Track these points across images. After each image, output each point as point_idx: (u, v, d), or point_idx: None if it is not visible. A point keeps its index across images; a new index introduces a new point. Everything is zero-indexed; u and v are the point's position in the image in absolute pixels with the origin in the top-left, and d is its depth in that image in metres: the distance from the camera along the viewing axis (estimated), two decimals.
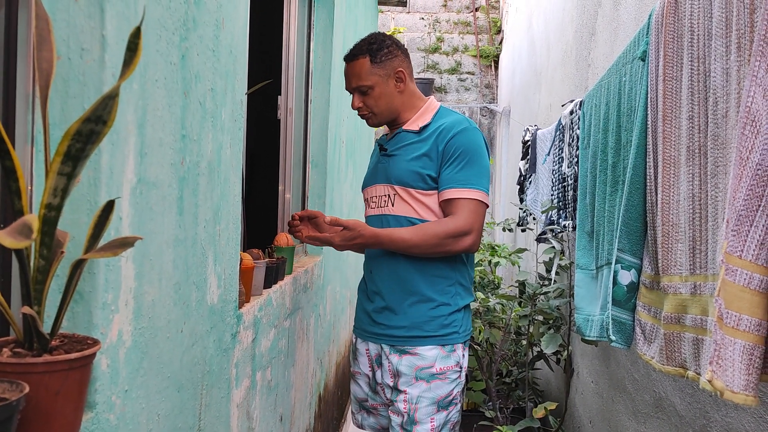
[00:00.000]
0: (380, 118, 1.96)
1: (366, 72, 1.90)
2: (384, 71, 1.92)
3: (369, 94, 1.92)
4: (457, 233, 1.81)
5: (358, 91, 1.93)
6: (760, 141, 0.95)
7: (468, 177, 1.83)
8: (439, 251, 1.83)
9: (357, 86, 1.93)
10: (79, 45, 0.83)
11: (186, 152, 1.13)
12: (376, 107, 1.93)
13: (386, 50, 1.92)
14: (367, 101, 1.93)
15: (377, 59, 1.90)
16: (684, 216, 1.36)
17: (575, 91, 3.46)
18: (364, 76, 1.91)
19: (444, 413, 1.88)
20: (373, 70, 1.90)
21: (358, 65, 1.91)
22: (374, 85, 1.91)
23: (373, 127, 2.02)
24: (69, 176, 0.72)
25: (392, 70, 1.93)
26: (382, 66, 1.91)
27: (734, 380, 0.98)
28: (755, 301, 0.97)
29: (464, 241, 1.83)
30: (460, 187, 1.83)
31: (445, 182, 1.85)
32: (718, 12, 1.20)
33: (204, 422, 1.28)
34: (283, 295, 1.97)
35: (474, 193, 1.83)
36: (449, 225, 1.82)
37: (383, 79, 1.92)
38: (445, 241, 1.81)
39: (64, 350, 0.74)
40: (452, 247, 1.83)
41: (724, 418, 1.63)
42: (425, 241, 1.82)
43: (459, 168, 1.84)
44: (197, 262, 1.21)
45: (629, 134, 1.73)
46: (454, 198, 1.83)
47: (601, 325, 1.89)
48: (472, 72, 8.68)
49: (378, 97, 1.92)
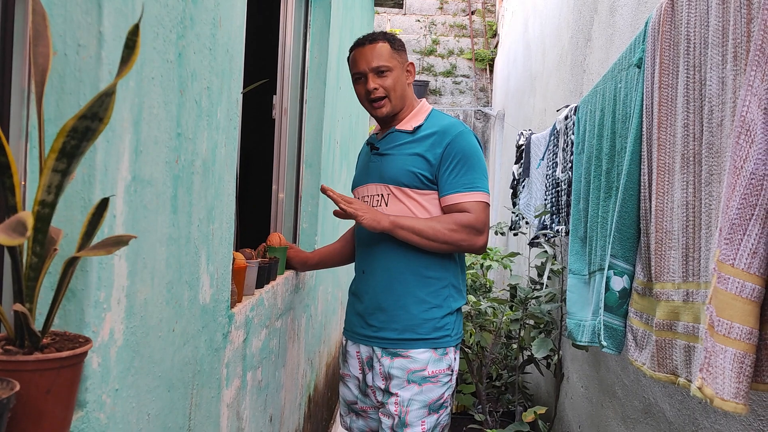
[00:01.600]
0: (393, 104, 1.93)
1: (387, 53, 1.90)
2: (401, 59, 1.94)
3: (387, 77, 1.90)
4: (471, 227, 1.83)
5: (376, 73, 1.90)
6: (754, 150, 0.96)
7: (472, 180, 1.85)
8: (453, 244, 1.84)
9: (378, 66, 1.89)
10: (76, 41, 0.82)
11: (181, 150, 1.13)
12: (393, 91, 1.91)
13: (400, 42, 1.96)
14: (385, 83, 1.90)
15: (396, 46, 1.93)
16: (677, 223, 1.36)
17: (570, 97, 3.47)
18: (385, 56, 1.90)
19: (435, 416, 1.88)
20: (393, 55, 1.92)
21: (379, 47, 1.90)
22: (393, 69, 1.91)
23: (382, 115, 1.95)
24: (63, 173, 0.71)
25: (405, 61, 1.96)
26: (399, 54, 1.94)
27: (724, 388, 0.99)
28: (747, 310, 0.98)
29: (479, 239, 1.85)
30: (466, 190, 1.84)
31: (449, 187, 1.85)
32: (715, 21, 1.21)
33: (194, 422, 1.27)
34: (275, 295, 1.97)
35: (480, 195, 1.85)
36: (463, 218, 1.83)
37: (400, 66, 1.94)
38: (461, 234, 1.82)
39: (55, 348, 0.74)
40: (466, 243, 1.84)
41: (714, 425, 1.63)
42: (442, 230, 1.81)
43: (462, 172, 1.85)
44: (190, 261, 1.21)
45: (624, 140, 1.73)
46: (462, 201, 1.84)
47: (592, 331, 1.90)
48: (467, 75, 8.69)
49: (395, 82, 1.91)
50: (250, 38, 2.00)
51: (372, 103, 1.93)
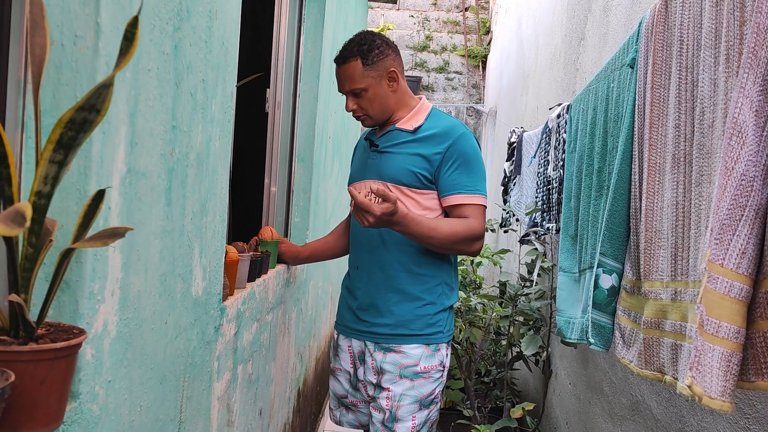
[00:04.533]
0: (375, 119, 1.95)
1: (358, 75, 1.87)
2: (376, 72, 1.89)
3: (363, 96, 1.89)
4: (474, 236, 1.84)
5: (352, 94, 1.91)
6: (745, 152, 0.97)
7: (474, 182, 1.86)
8: (453, 249, 1.85)
9: (350, 89, 1.90)
10: (73, 31, 0.82)
11: (176, 143, 1.13)
12: (370, 109, 1.91)
13: (377, 51, 1.89)
14: (362, 103, 1.91)
15: (369, 61, 1.87)
16: (667, 223, 1.38)
17: (563, 95, 3.49)
18: (356, 79, 1.87)
19: (426, 412, 1.89)
20: (365, 73, 1.87)
21: (350, 68, 1.87)
22: (368, 87, 1.88)
23: (369, 127, 2.01)
24: (60, 164, 0.71)
25: (384, 70, 1.90)
26: (374, 67, 1.88)
27: (712, 386, 1.00)
28: (735, 309, 0.99)
29: (476, 245, 1.86)
30: (468, 192, 1.85)
31: (451, 187, 1.85)
32: (708, 23, 1.22)
33: (185, 414, 1.27)
34: (267, 288, 1.97)
35: (481, 198, 1.87)
36: (469, 226, 1.83)
37: (376, 80, 1.89)
38: (463, 243, 1.83)
39: (50, 339, 0.74)
40: (466, 249, 1.86)
41: (700, 423, 1.66)
42: (448, 235, 1.81)
43: (465, 173, 1.85)
44: (183, 253, 1.21)
45: (616, 140, 1.75)
46: (463, 204, 1.85)
47: (581, 328, 1.91)
48: (460, 71, 8.70)
49: (372, 99, 1.90)
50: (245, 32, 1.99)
51: (356, 119, 1.98)
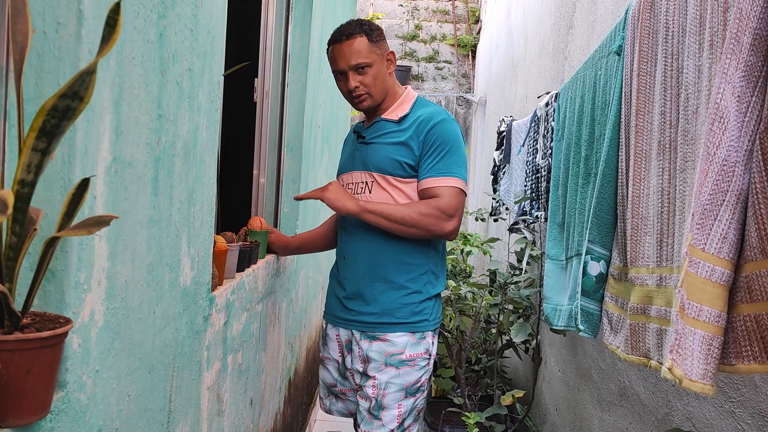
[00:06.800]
0: (375, 98, 1.93)
1: (365, 50, 1.87)
2: (380, 51, 1.91)
3: (367, 73, 1.89)
4: (440, 211, 1.81)
5: (356, 70, 1.89)
6: (727, 137, 0.98)
7: (448, 166, 1.85)
8: (421, 228, 1.82)
9: (357, 63, 1.87)
10: (56, 19, 0.81)
11: (162, 132, 1.12)
12: (373, 86, 1.90)
13: (378, 31, 1.92)
14: (365, 80, 1.89)
15: (373, 38, 1.89)
16: (653, 209, 1.39)
17: (551, 84, 3.49)
18: (363, 53, 1.87)
19: (411, 399, 1.90)
20: (372, 49, 1.88)
21: (357, 43, 1.87)
22: (372, 64, 1.88)
23: (365, 109, 1.97)
24: (43, 152, 0.71)
25: (385, 51, 1.93)
26: (378, 45, 1.90)
27: (693, 369, 1.01)
28: (716, 293, 1.00)
29: (448, 224, 1.83)
30: (440, 175, 1.84)
31: (425, 171, 1.86)
32: (693, 9, 1.22)
33: (174, 404, 1.28)
34: (256, 278, 1.97)
35: (454, 180, 1.85)
36: (432, 203, 1.82)
37: (380, 58, 1.91)
38: (429, 219, 1.81)
39: (35, 328, 0.74)
40: (434, 227, 1.82)
41: (686, 407, 1.68)
42: (410, 214, 1.81)
43: (439, 158, 1.85)
44: (171, 243, 1.21)
45: (603, 127, 1.76)
46: (435, 186, 1.84)
47: (569, 315, 1.93)
48: (450, 61, 8.68)
49: (375, 77, 1.90)
50: (232, 21, 1.98)
51: (354, 99, 1.94)
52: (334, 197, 1.85)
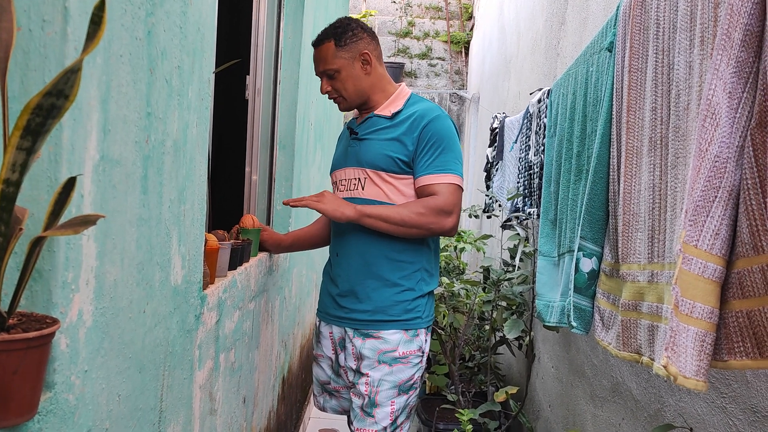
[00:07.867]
0: (350, 101, 1.96)
1: (331, 55, 1.90)
2: (349, 54, 1.91)
3: (336, 78, 1.92)
4: (439, 209, 1.82)
5: (326, 75, 1.94)
6: (718, 134, 0.98)
7: (445, 162, 1.86)
8: (422, 227, 1.83)
9: (323, 70, 1.93)
10: (41, 16, 0.80)
11: (151, 130, 1.11)
12: (344, 90, 1.94)
13: (350, 33, 1.92)
14: (335, 85, 1.93)
15: (342, 42, 1.91)
16: (644, 206, 1.39)
17: (544, 80, 3.49)
18: (329, 59, 1.91)
19: (404, 397, 1.90)
20: (338, 54, 1.90)
21: (324, 49, 1.91)
22: (340, 69, 1.91)
23: (344, 111, 2.03)
24: (28, 151, 0.70)
25: (357, 52, 1.92)
26: (347, 49, 1.91)
27: (686, 366, 1.01)
28: (708, 290, 1.00)
29: (447, 221, 1.83)
30: (438, 172, 1.85)
31: (422, 168, 1.86)
32: (684, 5, 1.22)
33: (166, 403, 1.27)
34: (248, 277, 1.96)
35: (452, 177, 1.85)
36: (431, 201, 1.83)
37: (349, 62, 1.91)
38: (429, 218, 1.81)
39: (22, 329, 0.73)
40: (435, 226, 1.83)
41: (678, 403, 1.68)
42: (409, 214, 1.81)
43: (436, 155, 1.85)
44: (161, 242, 1.20)
45: (594, 124, 1.75)
46: (432, 183, 1.84)
47: (561, 311, 1.93)
48: (443, 58, 8.68)
49: (345, 80, 1.92)
50: (223, 17, 1.97)
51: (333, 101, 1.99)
52: (330, 207, 1.84)
